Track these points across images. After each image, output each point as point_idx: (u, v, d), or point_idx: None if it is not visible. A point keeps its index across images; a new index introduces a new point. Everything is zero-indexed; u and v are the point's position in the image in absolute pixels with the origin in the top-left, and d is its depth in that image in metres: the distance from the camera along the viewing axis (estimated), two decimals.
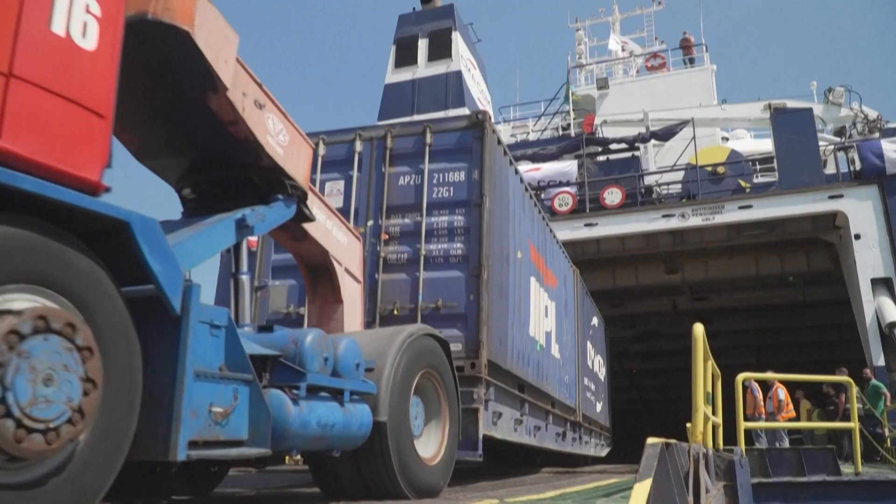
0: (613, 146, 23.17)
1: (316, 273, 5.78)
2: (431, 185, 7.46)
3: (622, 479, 9.42)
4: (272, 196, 4.57)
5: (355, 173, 7.72)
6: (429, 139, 7.62)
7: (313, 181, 7.40)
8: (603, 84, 30.69)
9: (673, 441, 4.36)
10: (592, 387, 15.37)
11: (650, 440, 3.81)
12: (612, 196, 19.54)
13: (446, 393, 5.68)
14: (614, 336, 25.97)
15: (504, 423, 7.96)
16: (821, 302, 21.90)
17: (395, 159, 7.70)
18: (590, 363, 15.24)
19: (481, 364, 6.77)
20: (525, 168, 21.38)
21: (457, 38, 26.51)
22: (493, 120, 7.95)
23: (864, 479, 8.38)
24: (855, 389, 9.51)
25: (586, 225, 19.13)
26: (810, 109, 20.03)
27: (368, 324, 6.92)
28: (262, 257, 7.80)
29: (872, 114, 23.76)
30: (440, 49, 25.03)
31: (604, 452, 17.73)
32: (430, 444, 5.53)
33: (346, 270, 5.85)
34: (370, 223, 7.52)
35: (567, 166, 21.60)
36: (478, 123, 7.53)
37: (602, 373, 17.67)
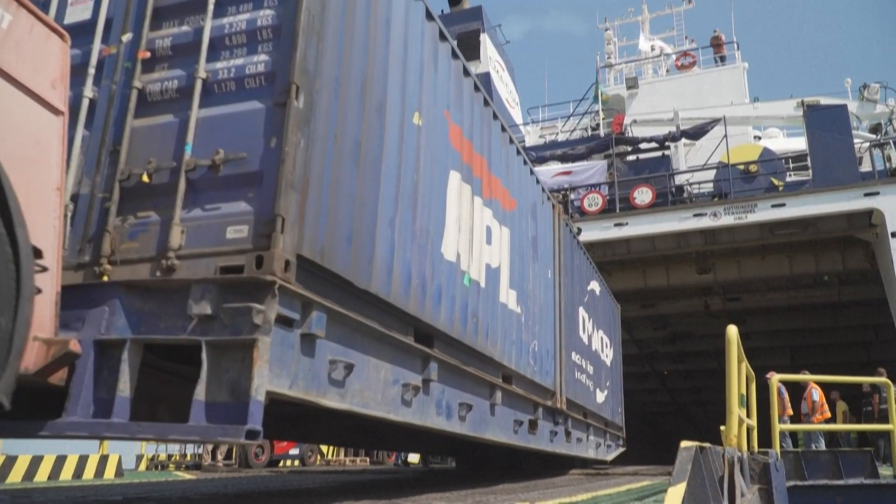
0: (643, 145, 23.06)
1: None
2: None
3: (655, 482, 9.40)
4: None
5: None
6: None
7: None
8: (632, 84, 30.65)
9: (707, 444, 4.34)
10: (589, 368, 12.27)
11: (684, 443, 3.79)
12: (643, 196, 19.43)
13: None
14: (645, 337, 25.90)
15: (364, 385, 4.83)
16: (857, 302, 21.56)
17: None
18: (584, 336, 12.02)
19: (274, 259, 3.78)
20: (555, 171, 21.36)
21: (485, 40, 26.67)
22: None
23: None
24: (893, 390, 9.34)
25: (616, 225, 19.02)
26: (844, 106, 19.72)
27: (102, 200, 4.35)
28: None
29: None
30: (468, 51, 25.04)
31: (610, 455, 14.73)
32: None
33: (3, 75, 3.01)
34: (127, 37, 4.72)
35: (595, 168, 21.50)
36: None
37: (608, 356, 14.70)
